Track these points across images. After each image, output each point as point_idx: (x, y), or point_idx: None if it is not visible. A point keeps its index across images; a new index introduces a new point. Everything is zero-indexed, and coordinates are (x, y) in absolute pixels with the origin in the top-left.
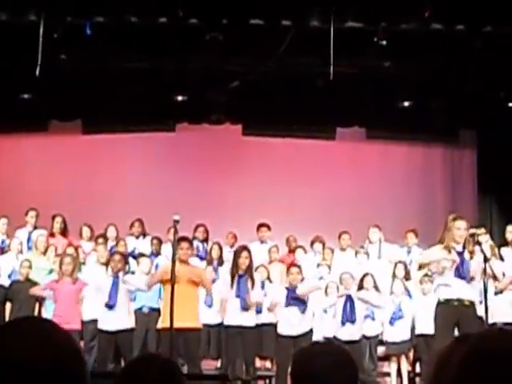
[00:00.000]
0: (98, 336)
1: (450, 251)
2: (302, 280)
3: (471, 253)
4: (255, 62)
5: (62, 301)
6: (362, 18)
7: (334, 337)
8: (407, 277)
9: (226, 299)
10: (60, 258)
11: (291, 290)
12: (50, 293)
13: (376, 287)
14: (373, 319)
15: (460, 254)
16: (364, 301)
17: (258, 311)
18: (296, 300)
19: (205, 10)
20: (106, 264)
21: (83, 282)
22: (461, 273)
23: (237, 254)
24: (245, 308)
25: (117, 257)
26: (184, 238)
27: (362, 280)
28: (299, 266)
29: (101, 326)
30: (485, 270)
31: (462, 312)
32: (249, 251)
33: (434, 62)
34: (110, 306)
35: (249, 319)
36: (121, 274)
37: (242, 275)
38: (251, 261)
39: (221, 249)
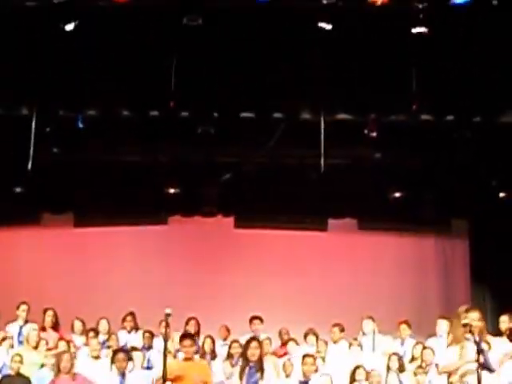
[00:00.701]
0: None
1: (462, 347)
2: (316, 371)
3: (488, 343)
4: (247, 155)
5: None
6: (352, 110)
7: None
8: (401, 369)
9: None
10: (57, 355)
11: (304, 383)
12: None
13: (367, 379)
14: None
15: (478, 346)
16: None
17: None
18: None
19: (196, 102)
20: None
21: (83, 377)
22: (484, 365)
23: (246, 345)
24: None
25: (121, 356)
26: (187, 335)
27: (353, 372)
28: (313, 356)
29: None
30: (478, 361)
31: None
32: (258, 341)
33: (424, 152)
34: None
35: None
36: (126, 371)
37: (252, 367)
38: (261, 352)
39: (213, 342)
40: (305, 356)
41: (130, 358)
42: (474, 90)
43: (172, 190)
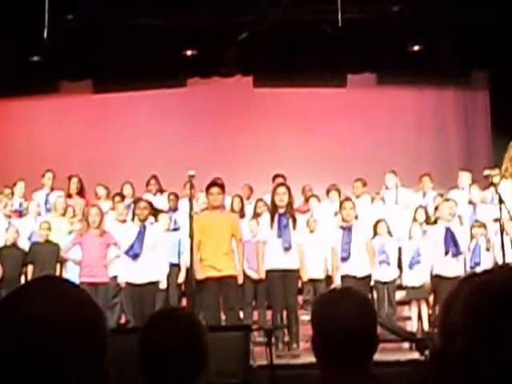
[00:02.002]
0: (126, 289)
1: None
2: (357, 217)
3: None
4: (263, 13)
5: (89, 253)
6: None
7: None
8: (428, 221)
9: (264, 242)
10: (86, 210)
11: (347, 228)
12: (74, 256)
13: (390, 233)
14: (388, 264)
15: None
16: None
17: None
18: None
19: None
20: (131, 220)
21: (112, 236)
22: None
23: (273, 191)
24: (288, 248)
25: (142, 204)
26: (214, 184)
27: (375, 226)
28: (352, 201)
29: (126, 278)
30: (500, 211)
31: None
32: (287, 187)
33: (442, 3)
34: (133, 256)
35: (293, 261)
36: (147, 222)
37: (282, 214)
38: (291, 197)
39: (242, 201)
40: (344, 200)
41: (153, 213)
42: None
43: (189, 52)
